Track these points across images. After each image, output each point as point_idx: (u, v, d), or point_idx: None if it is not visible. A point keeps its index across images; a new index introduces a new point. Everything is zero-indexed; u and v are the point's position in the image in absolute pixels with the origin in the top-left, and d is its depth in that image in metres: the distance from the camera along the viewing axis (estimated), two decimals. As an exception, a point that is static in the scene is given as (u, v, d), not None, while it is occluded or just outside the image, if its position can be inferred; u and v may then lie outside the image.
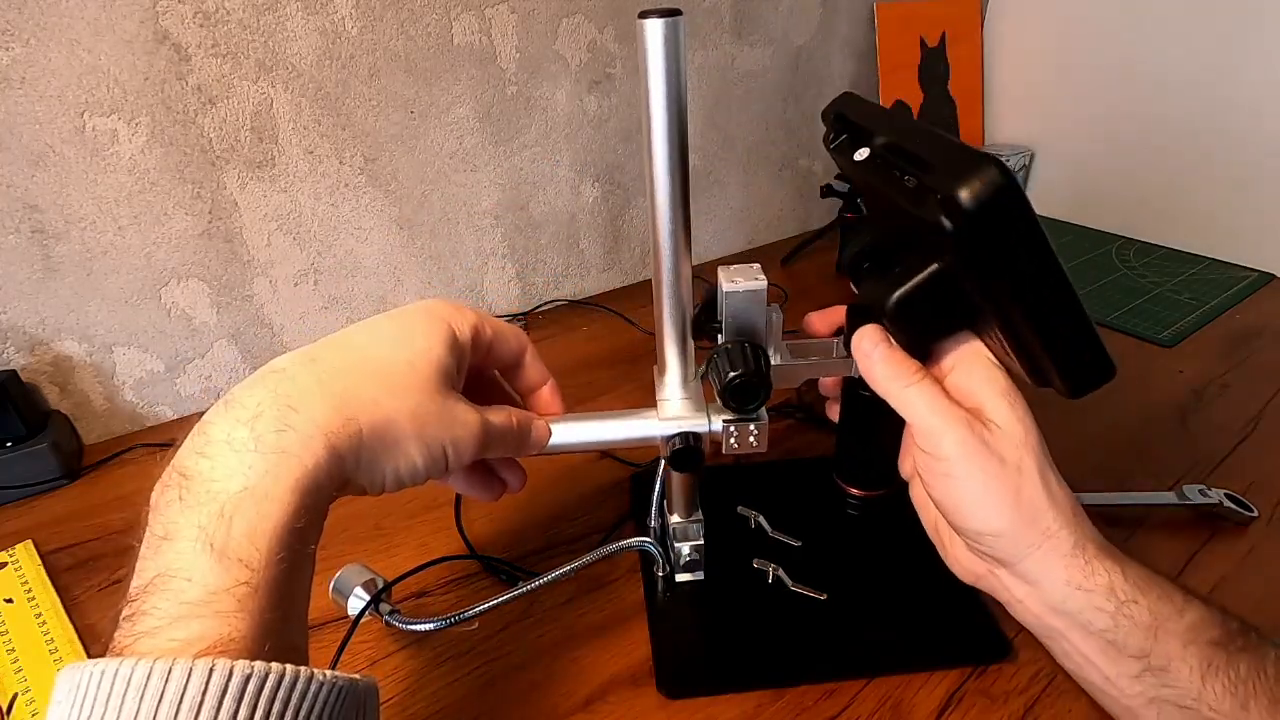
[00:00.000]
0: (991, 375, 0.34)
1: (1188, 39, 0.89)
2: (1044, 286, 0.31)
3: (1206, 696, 0.29)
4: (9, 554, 0.50)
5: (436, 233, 0.74)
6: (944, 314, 0.35)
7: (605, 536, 0.50)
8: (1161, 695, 0.30)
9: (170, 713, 0.20)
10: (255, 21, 0.59)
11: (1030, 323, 0.31)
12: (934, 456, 0.33)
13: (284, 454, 0.25)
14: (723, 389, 0.36)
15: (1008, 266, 0.30)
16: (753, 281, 0.37)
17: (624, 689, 0.40)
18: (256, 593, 0.23)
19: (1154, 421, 0.60)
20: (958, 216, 0.29)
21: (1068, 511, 0.32)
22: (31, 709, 0.39)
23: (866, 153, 0.37)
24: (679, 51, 0.31)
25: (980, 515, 0.32)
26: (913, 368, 0.34)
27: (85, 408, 0.63)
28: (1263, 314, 0.78)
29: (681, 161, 0.33)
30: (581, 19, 0.74)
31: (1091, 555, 0.32)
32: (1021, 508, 0.32)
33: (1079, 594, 0.31)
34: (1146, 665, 0.30)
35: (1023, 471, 0.32)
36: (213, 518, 0.24)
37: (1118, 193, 1.00)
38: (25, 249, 0.56)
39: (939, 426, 0.32)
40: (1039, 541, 0.32)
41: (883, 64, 0.99)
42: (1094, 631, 0.31)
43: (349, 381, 0.28)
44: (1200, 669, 0.30)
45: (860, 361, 0.36)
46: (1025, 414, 0.33)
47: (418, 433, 0.29)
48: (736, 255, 0.99)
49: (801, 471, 0.55)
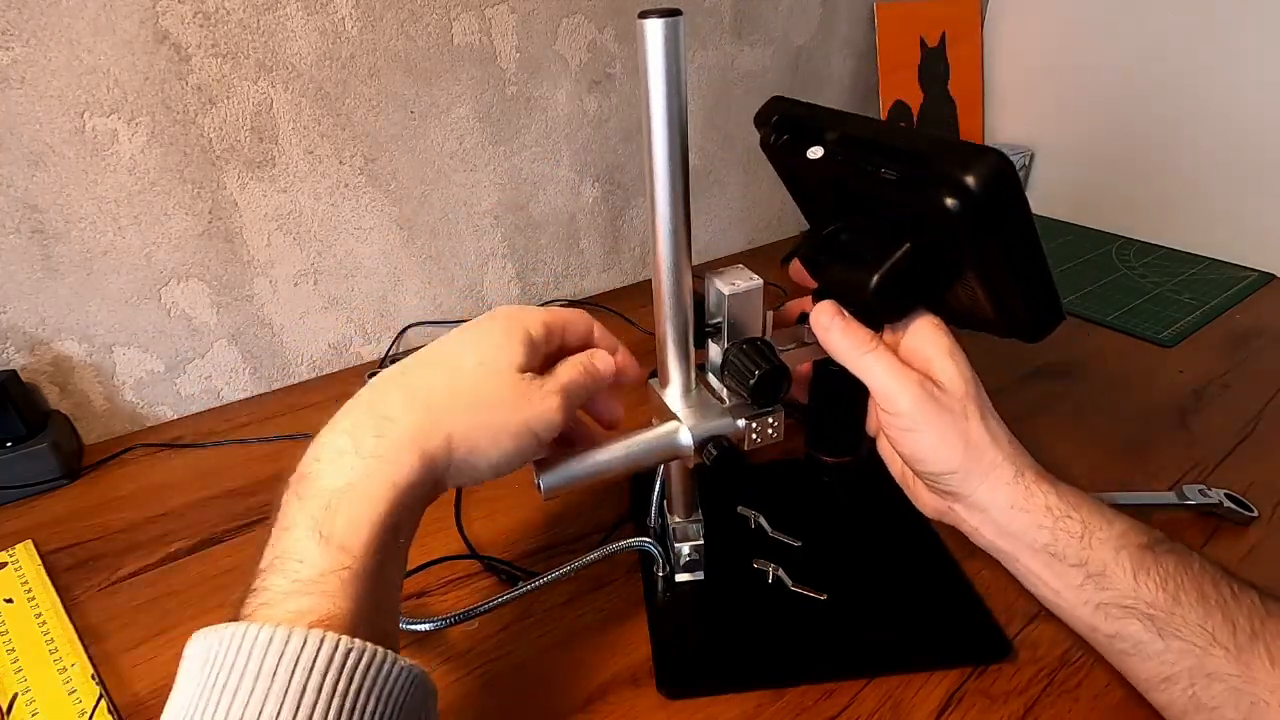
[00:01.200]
0: (937, 338, 0.38)
1: (1188, 39, 0.89)
2: (1028, 250, 0.35)
3: (1141, 594, 0.33)
4: (9, 554, 0.50)
5: (436, 233, 0.74)
6: (914, 286, 0.38)
7: (605, 536, 0.50)
8: (1103, 599, 0.34)
9: (287, 672, 0.23)
10: (255, 21, 0.59)
11: (1013, 280, 0.36)
12: (893, 414, 0.37)
13: (379, 459, 0.29)
14: (751, 387, 0.37)
15: (1006, 236, 0.34)
16: (750, 281, 0.38)
17: (624, 689, 0.40)
18: (356, 578, 0.27)
19: (1154, 421, 0.60)
20: (967, 199, 0.32)
21: (1007, 448, 0.37)
22: (31, 709, 0.39)
23: (821, 151, 0.39)
24: (679, 51, 0.31)
25: (937, 459, 0.37)
26: (868, 336, 0.38)
27: (85, 408, 0.63)
28: (1263, 314, 0.78)
29: (681, 161, 0.33)
30: (581, 19, 0.74)
31: (1030, 481, 0.37)
32: (970, 449, 0.37)
33: (1022, 515, 0.36)
34: (1086, 573, 0.35)
35: (968, 418, 0.37)
36: (321, 510, 0.28)
37: (1118, 193, 1.00)
38: (25, 249, 0.56)
39: (895, 388, 0.36)
40: (986, 474, 0.37)
41: (883, 64, 0.99)
42: (1038, 548, 0.36)
43: (433, 390, 0.32)
44: (1132, 569, 0.34)
45: (820, 335, 0.39)
46: (967, 369, 0.38)
47: (503, 424, 0.32)
48: (737, 255, 0.99)
49: (801, 472, 0.55)
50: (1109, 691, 0.38)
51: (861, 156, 0.37)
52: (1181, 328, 0.75)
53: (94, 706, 0.39)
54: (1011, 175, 0.32)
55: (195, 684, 0.24)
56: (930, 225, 0.35)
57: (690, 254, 0.36)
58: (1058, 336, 0.39)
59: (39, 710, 0.39)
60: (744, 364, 0.37)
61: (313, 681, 0.23)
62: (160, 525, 0.53)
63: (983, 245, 0.34)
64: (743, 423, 0.39)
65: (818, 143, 0.39)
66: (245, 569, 0.49)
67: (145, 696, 0.40)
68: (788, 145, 0.42)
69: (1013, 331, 0.39)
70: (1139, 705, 0.37)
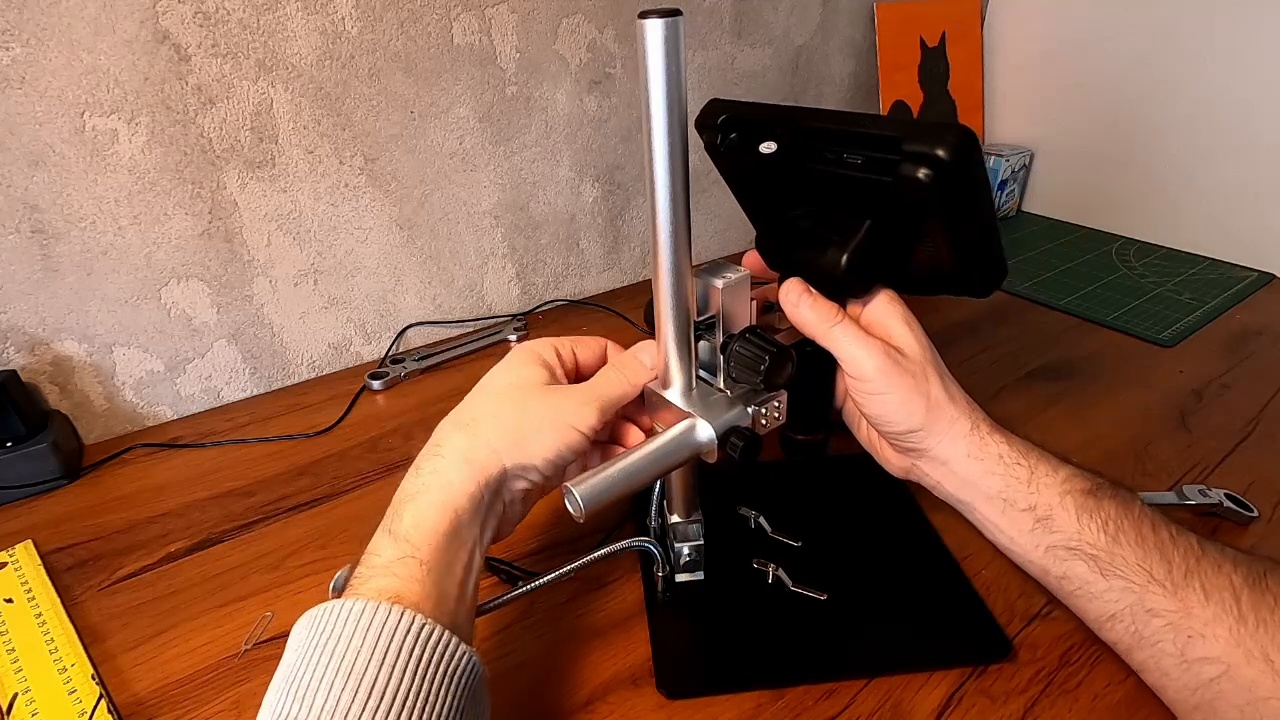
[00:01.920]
0: (893, 309, 0.41)
1: (1188, 39, 0.89)
2: (986, 211, 0.39)
3: (1085, 535, 0.36)
4: (9, 554, 0.50)
5: (436, 233, 0.74)
6: (877, 259, 0.41)
7: (605, 536, 0.50)
8: (1051, 541, 0.37)
9: (374, 636, 0.28)
10: (255, 21, 0.59)
11: (969, 241, 0.39)
12: (860, 379, 0.39)
13: (435, 474, 0.35)
14: (764, 373, 0.37)
15: (970, 197, 0.37)
16: (737, 272, 0.39)
17: (624, 689, 0.40)
18: (421, 567, 0.32)
19: (1154, 421, 0.60)
20: (940, 168, 0.35)
21: (963, 404, 0.40)
22: (31, 709, 0.39)
23: (774, 145, 0.41)
24: (679, 51, 0.31)
25: (901, 418, 0.40)
26: (833, 310, 0.40)
27: (85, 408, 0.63)
28: (1263, 314, 0.78)
29: (682, 161, 0.33)
30: (581, 19, 0.74)
31: (985, 433, 0.40)
32: (931, 407, 0.39)
33: (976, 463, 0.39)
34: (1035, 516, 0.37)
35: (929, 379, 0.40)
36: (391, 514, 0.34)
37: (1118, 193, 1.00)
38: (25, 249, 0.56)
39: (862, 355, 0.39)
40: (946, 429, 0.39)
41: (883, 64, 0.99)
42: (992, 495, 0.39)
43: (475, 414, 0.38)
44: (1076, 512, 0.36)
45: (789, 310, 0.41)
46: (922, 335, 0.41)
47: (538, 420, 0.37)
48: (737, 255, 0.99)
49: (801, 472, 0.55)
50: (1109, 691, 0.38)
51: (819, 145, 0.40)
52: (1181, 328, 0.75)
53: (94, 706, 0.39)
54: (974, 143, 0.35)
55: (297, 649, 0.29)
56: (895, 199, 0.37)
57: (690, 254, 0.36)
58: (1058, 336, 0.39)
59: (39, 710, 0.39)
60: (752, 352, 0.38)
61: (394, 644, 0.28)
62: (160, 525, 0.53)
63: (949, 209, 0.37)
64: (753, 410, 0.39)
65: (768, 138, 0.41)
66: (245, 568, 0.50)
67: (145, 696, 0.40)
68: (735, 144, 0.44)
69: (966, 288, 0.42)
70: (1139, 705, 0.37)
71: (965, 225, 0.38)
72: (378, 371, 0.70)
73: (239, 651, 0.43)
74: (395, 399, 0.68)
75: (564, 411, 0.37)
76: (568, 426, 0.37)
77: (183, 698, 0.40)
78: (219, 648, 0.43)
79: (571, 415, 0.37)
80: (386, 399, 0.68)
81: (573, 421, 0.37)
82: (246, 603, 0.46)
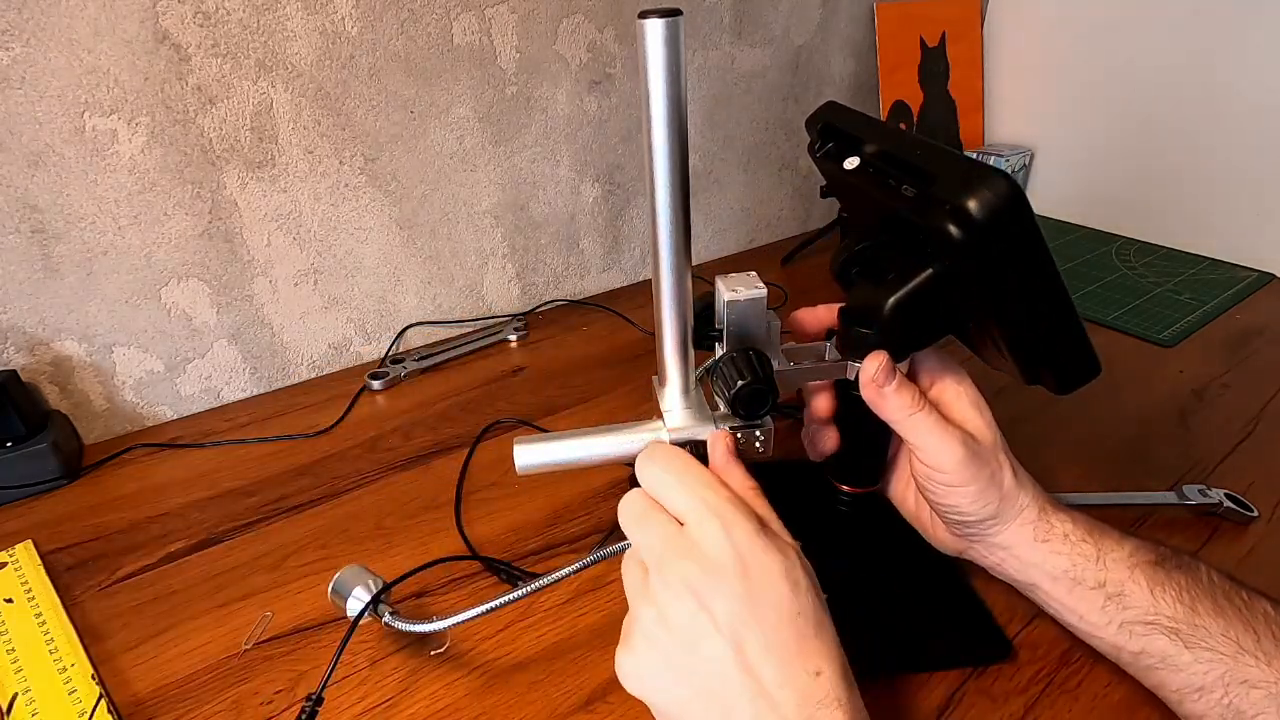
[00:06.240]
0: (961, 391, 0.40)
1: (1188, 39, 0.89)
2: (1043, 291, 0.33)
3: (1161, 608, 0.35)
4: (9, 554, 0.50)
5: (436, 233, 0.74)
6: (935, 316, 0.37)
7: (605, 536, 0.50)
8: (1125, 618, 0.36)
9: None
10: (255, 21, 0.59)
11: (1026, 325, 0.34)
12: (936, 469, 0.38)
13: None
14: (732, 398, 0.36)
15: (1011, 273, 0.32)
16: (753, 290, 0.38)
17: (624, 689, 0.39)
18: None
19: (1154, 421, 0.60)
20: (967, 226, 0.30)
21: (1030, 489, 0.39)
22: (31, 709, 0.39)
23: (857, 161, 0.38)
24: (679, 51, 0.31)
25: (976, 509, 0.38)
26: (914, 397, 0.38)
27: (85, 408, 0.63)
28: (1263, 314, 0.78)
29: (681, 161, 0.33)
30: (581, 19, 0.74)
31: (1050, 514, 0.38)
32: (1004, 498, 0.38)
33: (1042, 545, 0.38)
34: (1105, 594, 0.36)
35: (1003, 468, 0.38)
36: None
37: (1118, 193, 1.00)
38: (25, 249, 0.56)
39: (942, 448, 0.37)
40: (1014, 516, 0.38)
41: (883, 64, 0.99)
42: (1058, 575, 0.37)
43: None
44: (1148, 586, 0.35)
45: (865, 385, 0.38)
46: (991, 420, 0.39)
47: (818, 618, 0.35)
48: (736, 255, 1.00)
49: (800, 472, 0.55)
50: (1109, 691, 0.38)
51: (888, 171, 0.36)
52: (1181, 328, 0.75)
53: (94, 706, 0.39)
54: (1019, 200, 0.30)
55: None
56: (943, 251, 0.33)
57: (690, 254, 0.36)
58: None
59: (39, 710, 0.39)
60: (731, 373, 0.37)
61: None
62: (160, 525, 0.53)
63: (991, 281, 0.32)
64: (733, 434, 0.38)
65: (856, 153, 0.39)
66: (245, 568, 0.49)
67: (145, 696, 0.40)
68: (829, 154, 0.41)
69: (1038, 380, 0.37)
70: (1139, 705, 0.37)
71: (1014, 305, 0.33)
72: (378, 371, 0.70)
73: (239, 651, 0.43)
74: (395, 399, 0.68)
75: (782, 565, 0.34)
76: None
77: (182, 697, 0.40)
78: (219, 648, 0.43)
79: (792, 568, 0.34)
80: (386, 399, 0.68)
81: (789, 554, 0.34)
82: (246, 603, 0.46)
